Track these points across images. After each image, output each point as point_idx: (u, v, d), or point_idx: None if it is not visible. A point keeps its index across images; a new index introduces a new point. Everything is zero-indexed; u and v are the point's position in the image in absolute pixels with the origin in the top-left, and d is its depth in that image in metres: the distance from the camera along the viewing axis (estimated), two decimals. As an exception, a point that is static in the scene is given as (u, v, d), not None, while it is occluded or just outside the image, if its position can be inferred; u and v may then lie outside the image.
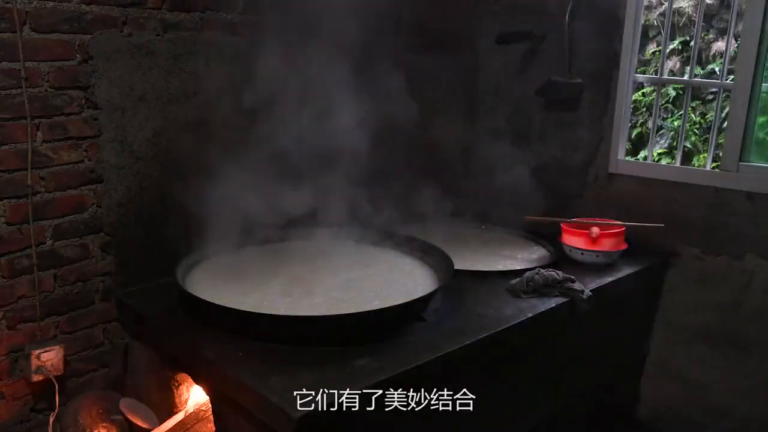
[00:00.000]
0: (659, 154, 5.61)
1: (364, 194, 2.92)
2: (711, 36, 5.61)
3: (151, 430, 2.26)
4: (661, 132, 5.74)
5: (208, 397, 2.13)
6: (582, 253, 2.80)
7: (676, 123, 5.63)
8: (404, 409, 2.02)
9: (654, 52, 5.66)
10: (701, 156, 5.37)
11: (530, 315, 2.31)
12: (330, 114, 3.07)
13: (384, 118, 3.25)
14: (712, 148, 3.05)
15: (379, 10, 2.59)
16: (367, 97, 2.88)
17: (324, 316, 2.09)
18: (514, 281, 2.50)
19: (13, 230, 2.21)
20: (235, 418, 1.95)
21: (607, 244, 2.79)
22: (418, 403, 2.07)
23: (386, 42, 2.95)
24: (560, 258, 2.84)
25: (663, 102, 5.75)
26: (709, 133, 5.09)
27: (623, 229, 2.84)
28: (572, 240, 2.84)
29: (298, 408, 1.67)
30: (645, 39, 5.67)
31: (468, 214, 3.52)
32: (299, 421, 1.65)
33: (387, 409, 1.94)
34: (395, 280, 2.46)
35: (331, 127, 3.10)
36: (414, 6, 3.27)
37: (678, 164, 3.15)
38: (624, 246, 2.84)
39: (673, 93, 5.73)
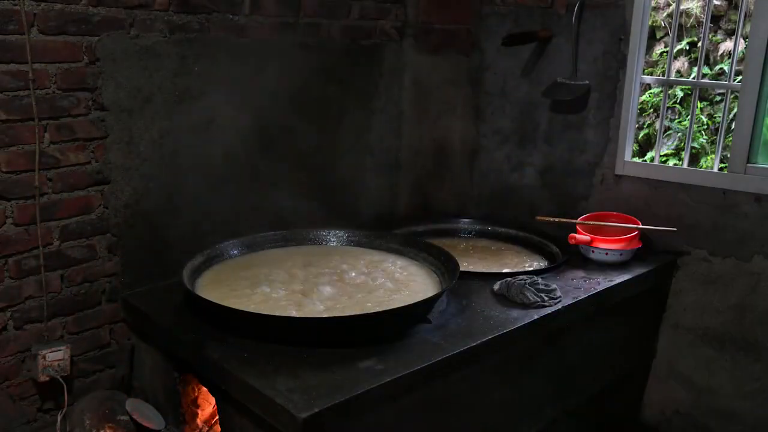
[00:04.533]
0: (666, 155, 5.58)
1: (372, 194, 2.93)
2: (719, 37, 5.58)
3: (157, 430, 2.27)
4: (668, 133, 5.72)
5: (213, 398, 2.14)
6: (593, 252, 2.82)
7: (683, 124, 5.60)
8: (409, 410, 2.02)
9: (662, 53, 5.63)
10: (709, 157, 5.35)
11: (536, 317, 2.31)
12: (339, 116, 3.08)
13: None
14: (720, 150, 3.04)
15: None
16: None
17: (329, 318, 2.10)
18: (498, 287, 2.47)
19: (20, 231, 2.22)
20: (240, 419, 1.95)
21: (620, 243, 2.81)
22: (423, 405, 2.07)
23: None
24: (569, 258, 2.84)
25: (670, 103, 5.71)
26: (716, 135, 5.07)
27: (638, 227, 2.86)
28: (584, 239, 2.84)
29: (304, 409, 1.68)
30: (652, 40, 5.63)
31: (474, 215, 3.53)
32: (304, 423, 1.65)
33: (391, 411, 1.94)
34: (400, 282, 2.46)
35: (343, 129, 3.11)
36: (420, 6, 3.28)
37: (685, 165, 3.13)
38: (638, 245, 2.85)
39: (680, 94, 5.71)
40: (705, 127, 5.53)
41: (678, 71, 5.64)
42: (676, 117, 5.77)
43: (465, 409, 2.24)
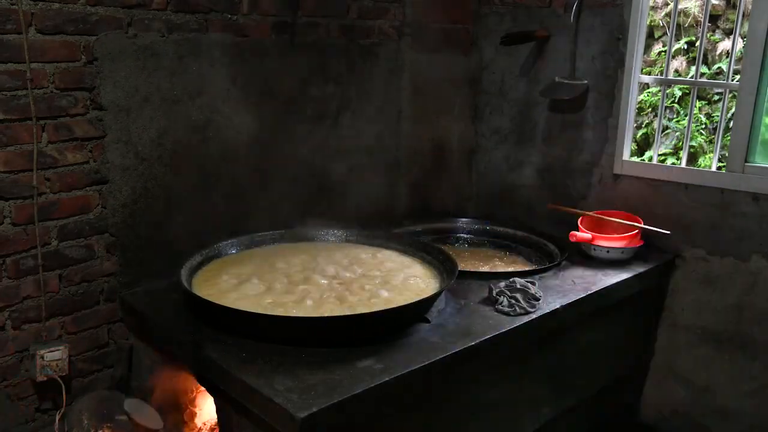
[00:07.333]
0: (665, 154, 5.59)
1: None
2: (717, 36, 5.58)
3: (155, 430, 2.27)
4: (666, 132, 5.72)
5: (212, 398, 2.13)
6: (594, 249, 2.83)
7: (681, 123, 5.60)
8: (407, 410, 2.02)
9: (660, 53, 5.63)
10: (707, 156, 5.35)
11: (534, 317, 2.31)
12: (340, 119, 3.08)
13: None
14: (718, 149, 3.04)
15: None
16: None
17: (328, 317, 2.09)
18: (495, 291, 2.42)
19: (18, 231, 2.22)
20: (239, 418, 1.95)
21: (623, 241, 2.83)
22: (422, 405, 2.07)
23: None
24: (568, 256, 2.84)
25: (668, 102, 5.72)
26: (715, 134, 5.07)
27: (638, 225, 2.88)
28: (585, 236, 2.85)
29: (302, 409, 1.67)
30: (651, 39, 5.64)
31: (473, 215, 3.53)
32: (303, 422, 1.65)
33: (390, 410, 1.94)
34: (399, 281, 2.46)
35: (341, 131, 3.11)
36: (419, 6, 3.28)
37: (684, 165, 3.14)
38: (640, 242, 2.88)
39: (679, 93, 5.71)
40: (703, 126, 5.54)
41: (676, 71, 5.65)
42: (675, 116, 5.77)
43: (463, 409, 2.24)
